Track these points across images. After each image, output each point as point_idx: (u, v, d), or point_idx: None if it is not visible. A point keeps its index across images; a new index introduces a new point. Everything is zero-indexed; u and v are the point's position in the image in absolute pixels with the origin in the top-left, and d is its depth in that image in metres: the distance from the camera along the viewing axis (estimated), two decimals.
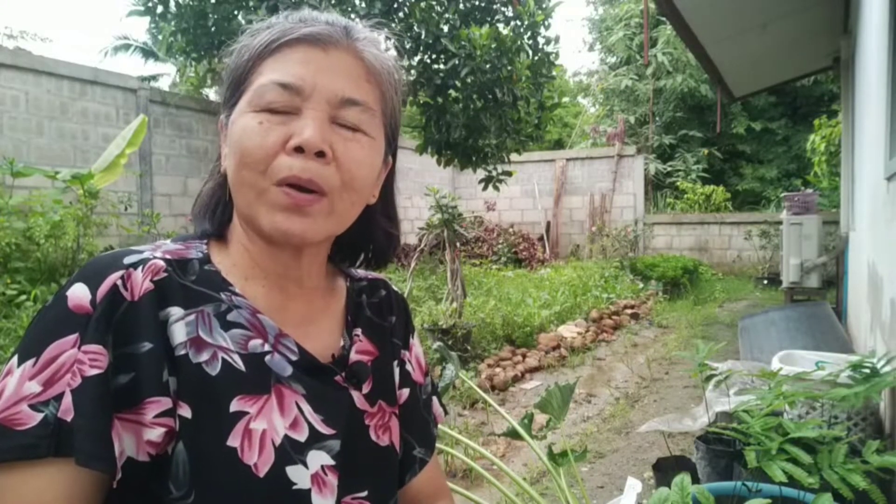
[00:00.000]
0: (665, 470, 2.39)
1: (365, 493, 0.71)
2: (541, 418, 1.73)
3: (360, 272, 0.87)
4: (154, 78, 12.18)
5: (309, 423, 0.68)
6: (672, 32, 12.78)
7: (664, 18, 7.99)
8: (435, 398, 0.91)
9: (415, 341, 0.89)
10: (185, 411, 0.61)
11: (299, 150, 0.64)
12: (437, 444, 0.91)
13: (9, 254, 4.80)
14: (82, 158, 6.89)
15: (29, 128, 6.52)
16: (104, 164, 5.78)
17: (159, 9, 6.90)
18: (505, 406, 4.01)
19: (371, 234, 0.82)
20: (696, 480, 2.20)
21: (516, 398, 4.20)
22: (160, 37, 8.87)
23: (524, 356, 5.04)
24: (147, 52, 12.42)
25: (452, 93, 6.70)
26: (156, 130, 7.74)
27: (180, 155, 8.09)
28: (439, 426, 0.93)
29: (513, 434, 1.67)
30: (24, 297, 4.55)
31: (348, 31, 0.70)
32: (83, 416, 0.57)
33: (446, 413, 0.96)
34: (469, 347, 4.86)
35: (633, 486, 1.40)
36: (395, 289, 0.90)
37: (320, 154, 0.64)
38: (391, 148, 0.77)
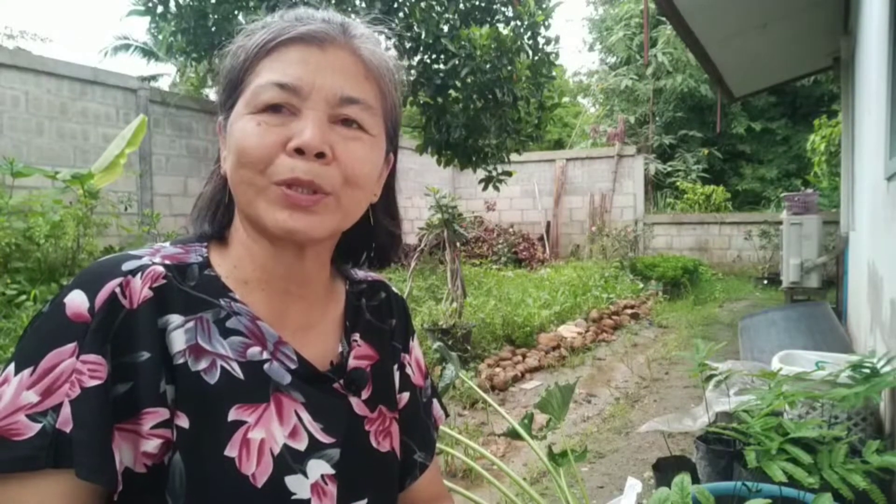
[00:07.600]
0: (665, 470, 2.39)
1: (364, 501, 0.71)
2: (541, 418, 1.73)
3: (360, 274, 0.85)
4: (154, 78, 12.17)
5: (308, 432, 0.67)
6: (672, 32, 12.77)
7: (664, 18, 7.99)
8: (435, 400, 0.90)
9: (414, 344, 0.88)
10: (183, 421, 0.60)
11: (300, 151, 0.62)
12: (437, 445, 0.90)
13: (9, 254, 4.79)
14: (82, 158, 6.88)
15: (29, 128, 6.52)
16: (104, 164, 5.77)
17: (159, 9, 6.89)
18: (505, 406, 4.01)
19: (374, 233, 0.80)
20: (696, 480, 2.20)
21: (516, 398, 4.20)
22: (160, 37, 8.87)
23: (524, 356, 5.03)
24: (147, 52, 12.42)
25: (452, 93, 6.69)
26: (156, 130, 7.74)
27: (180, 155, 8.09)
28: (439, 426, 0.92)
29: (513, 434, 1.67)
30: (24, 297, 4.55)
31: (345, 28, 0.68)
32: (83, 427, 0.56)
33: (447, 415, 0.95)
34: (469, 347, 4.86)
35: (633, 486, 1.40)
36: (395, 291, 0.88)
37: (320, 155, 0.63)
38: (392, 145, 0.75)
